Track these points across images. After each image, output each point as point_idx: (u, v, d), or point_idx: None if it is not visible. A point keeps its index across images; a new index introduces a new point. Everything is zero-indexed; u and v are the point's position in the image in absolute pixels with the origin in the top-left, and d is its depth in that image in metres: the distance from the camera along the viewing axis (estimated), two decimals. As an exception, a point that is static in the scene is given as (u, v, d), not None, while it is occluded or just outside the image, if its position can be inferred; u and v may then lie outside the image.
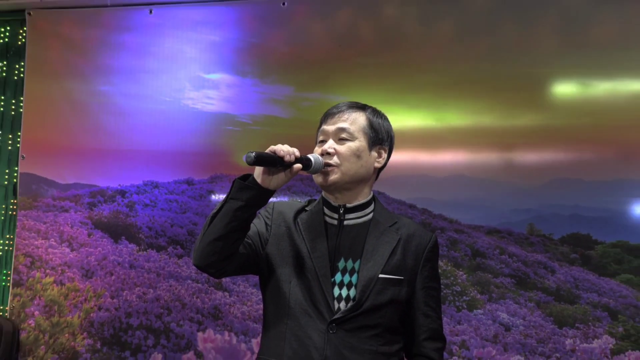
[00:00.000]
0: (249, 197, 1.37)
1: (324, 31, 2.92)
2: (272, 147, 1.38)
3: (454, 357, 2.59)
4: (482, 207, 2.66)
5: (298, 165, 1.40)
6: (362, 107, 1.56)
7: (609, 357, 2.43)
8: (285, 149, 1.38)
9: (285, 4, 2.96)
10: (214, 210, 1.42)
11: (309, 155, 1.45)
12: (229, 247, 1.41)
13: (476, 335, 2.59)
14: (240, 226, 1.40)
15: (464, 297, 2.64)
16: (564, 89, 2.60)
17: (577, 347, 2.47)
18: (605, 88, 2.55)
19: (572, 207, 2.55)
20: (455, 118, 2.72)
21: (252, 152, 1.32)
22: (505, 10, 2.68)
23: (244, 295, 2.93)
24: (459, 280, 2.65)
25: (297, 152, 1.40)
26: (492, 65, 2.67)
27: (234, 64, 3.05)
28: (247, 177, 1.40)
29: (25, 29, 3.32)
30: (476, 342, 2.59)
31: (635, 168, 2.48)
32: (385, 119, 1.59)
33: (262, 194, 1.39)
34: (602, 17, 2.58)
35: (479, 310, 2.61)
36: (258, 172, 1.39)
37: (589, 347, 2.46)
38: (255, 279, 2.87)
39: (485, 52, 2.68)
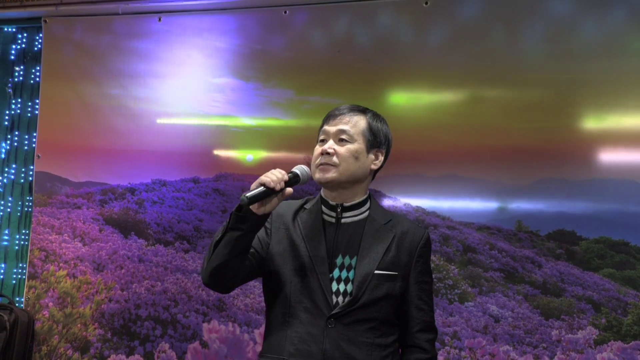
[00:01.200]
0: (247, 226, 1.41)
1: (323, 38, 2.94)
2: (262, 179, 1.40)
3: (446, 347, 2.62)
4: (472, 205, 2.70)
5: (289, 190, 1.44)
6: (363, 111, 1.58)
7: (593, 347, 2.47)
8: (274, 179, 1.40)
9: (287, 12, 2.99)
10: (216, 238, 1.45)
11: (295, 170, 1.49)
12: (234, 268, 1.46)
13: (467, 326, 2.63)
14: (243, 249, 1.45)
15: (456, 290, 2.68)
16: (550, 92, 2.61)
17: (562, 338, 2.51)
18: (587, 92, 2.56)
19: (557, 205, 2.58)
20: (447, 120, 2.73)
21: (245, 196, 1.36)
22: (495, 19, 2.71)
23: (247, 288, 2.96)
24: (451, 275, 2.69)
25: (285, 176, 1.43)
26: (481, 70, 2.69)
27: (237, 69, 3.07)
28: (242, 207, 1.42)
29: (41, 35, 3.36)
30: (467, 332, 2.63)
31: (616, 168, 2.51)
32: (385, 122, 1.61)
33: (259, 220, 1.43)
34: (585, 26, 2.58)
35: (470, 303, 2.65)
36: None
37: (573, 337, 2.50)
38: (257, 272, 2.99)
39: (476, 58, 2.71)
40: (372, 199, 1.61)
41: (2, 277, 3.37)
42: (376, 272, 1.49)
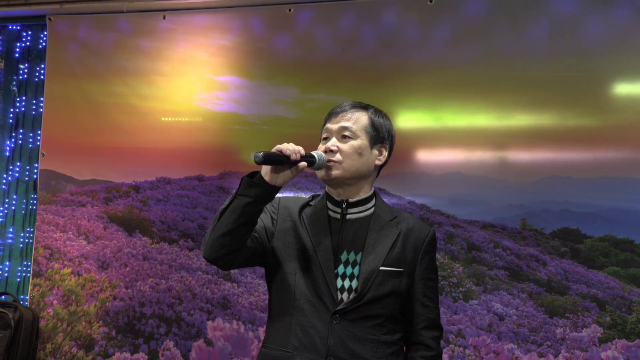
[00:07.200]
0: (256, 193, 1.40)
1: (327, 36, 2.94)
2: (279, 146, 1.40)
3: (450, 345, 2.63)
4: (477, 203, 2.70)
5: (303, 163, 1.43)
6: (364, 107, 1.58)
7: (597, 345, 2.48)
8: (291, 148, 1.40)
9: (291, 10, 3.00)
10: (223, 206, 1.43)
11: (313, 152, 1.48)
12: (237, 241, 1.43)
13: (472, 324, 2.64)
14: (248, 221, 1.42)
15: (460, 289, 2.68)
16: (555, 90, 2.61)
17: (567, 336, 2.52)
18: (592, 90, 2.57)
19: (562, 203, 2.58)
20: (452, 118, 2.75)
21: (260, 152, 1.34)
22: (499, 16, 2.72)
23: (252, 286, 2.97)
24: (456, 273, 2.69)
25: (302, 151, 1.42)
26: (486, 68, 2.70)
27: (242, 67, 3.08)
28: (255, 175, 1.42)
29: (45, 33, 3.37)
30: (472, 331, 2.63)
31: (621, 167, 2.52)
32: (387, 118, 1.60)
33: (269, 191, 1.41)
34: (589, 23, 2.59)
35: (474, 301, 2.66)
36: (265, 170, 1.41)
37: (578, 335, 2.51)
38: (262, 270, 2.83)
39: (480, 56, 2.72)
40: (378, 196, 1.60)
41: (6, 275, 3.38)
42: (381, 268, 1.49)
